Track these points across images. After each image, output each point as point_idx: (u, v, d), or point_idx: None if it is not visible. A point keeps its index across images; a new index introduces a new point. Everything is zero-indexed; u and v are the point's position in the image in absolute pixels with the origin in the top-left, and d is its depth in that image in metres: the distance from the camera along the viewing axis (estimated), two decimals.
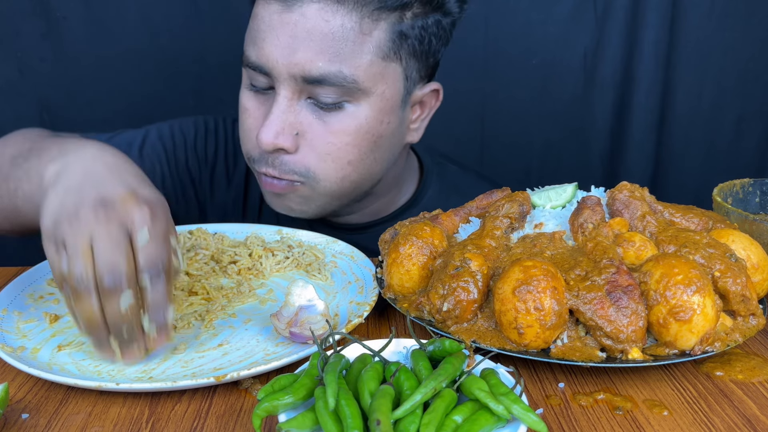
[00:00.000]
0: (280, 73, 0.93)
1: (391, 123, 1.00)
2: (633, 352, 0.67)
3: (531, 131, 1.75)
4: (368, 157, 1.00)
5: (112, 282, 0.65)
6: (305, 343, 0.73)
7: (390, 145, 1.03)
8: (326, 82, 0.92)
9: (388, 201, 1.16)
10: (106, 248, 0.65)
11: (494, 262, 0.75)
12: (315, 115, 0.96)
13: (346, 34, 0.92)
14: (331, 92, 0.94)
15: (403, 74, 0.99)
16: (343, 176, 0.99)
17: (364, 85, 0.94)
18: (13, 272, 0.94)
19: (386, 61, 0.95)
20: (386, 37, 0.94)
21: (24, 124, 1.65)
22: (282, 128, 0.95)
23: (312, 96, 0.95)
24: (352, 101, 0.95)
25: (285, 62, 0.92)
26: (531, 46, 1.67)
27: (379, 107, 0.97)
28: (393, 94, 0.98)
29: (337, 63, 0.92)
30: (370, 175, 1.03)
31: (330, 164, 0.98)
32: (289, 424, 0.54)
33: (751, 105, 1.70)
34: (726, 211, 0.88)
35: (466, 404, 0.56)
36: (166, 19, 1.62)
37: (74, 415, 0.66)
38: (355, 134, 0.97)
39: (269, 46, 0.93)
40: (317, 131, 0.96)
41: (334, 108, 0.95)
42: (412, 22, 0.96)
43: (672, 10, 1.62)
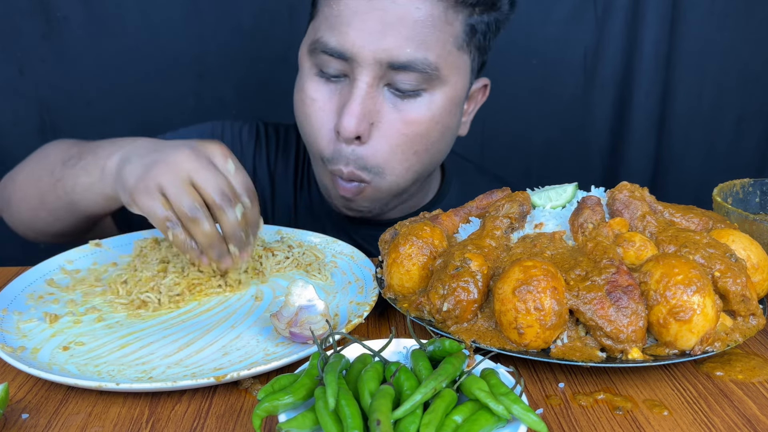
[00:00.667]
0: (364, 58, 0.94)
1: (456, 114, 1.03)
2: (633, 352, 0.67)
3: (531, 131, 1.75)
4: (433, 147, 1.02)
5: (225, 200, 0.77)
6: (305, 343, 0.73)
7: (451, 136, 1.05)
8: (411, 68, 0.94)
9: (419, 198, 1.17)
10: (209, 177, 0.78)
11: (494, 262, 0.76)
12: (392, 103, 0.97)
13: (433, 21, 0.94)
14: (412, 79, 0.95)
15: (470, 66, 1.02)
16: (408, 167, 1.01)
17: (443, 73, 0.97)
18: (13, 272, 0.94)
19: (460, 52, 0.99)
20: (462, 29, 0.98)
21: (24, 124, 1.66)
22: (363, 115, 0.95)
23: (391, 83, 0.96)
24: (429, 89, 0.97)
25: (372, 48, 0.93)
26: (531, 46, 1.67)
27: (450, 97, 0.99)
28: (463, 85, 1.02)
29: (423, 50, 0.94)
30: (431, 166, 1.05)
31: (398, 155, 0.99)
32: (289, 424, 0.54)
33: (751, 105, 1.71)
34: (726, 211, 0.88)
35: (466, 404, 0.56)
36: (166, 19, 1.62)
37: (74, 415, 0.66)
38: (428, 123, 0.98)
39: (355, 31, 0.93)
40: (391, 120, 0.97)
41: (412, 96, 0.97)
42: (480, 18, 1.00)
43: (672, 10, 1.62)
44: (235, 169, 0.81)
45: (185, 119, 1.38)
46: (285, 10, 1.58)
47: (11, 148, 1.64)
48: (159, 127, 1.28)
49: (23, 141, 1.66)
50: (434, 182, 1.20)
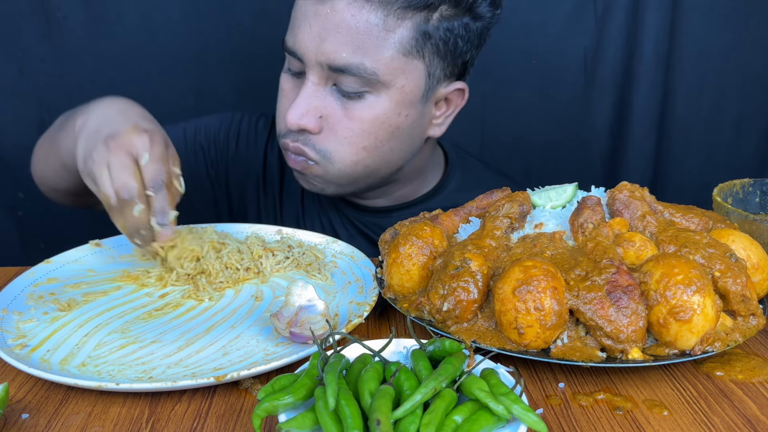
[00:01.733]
0: (309, 59, 1.00)
1: (410, 116, 1.05)
2: (633, 352, 0.67)
3: (531, 131, 1.75)
4: (384, 145, 1.05)
5: (127, 195, 0.84)
6: (305, 343, 0.73)
7: (408, 136, 1.07)
8: (349, 72, 0.98)
9: (413, 188, 1.20)
10: (117, 172, 0.84)
11: (494, 262, 0.75)
12: (338, 102, 1.02)
13: (370, 29, 0.97)
14: (353, 82, 0.99)
15: (426, 71, 1.03)
16: (357, 160, 1.05)
17: (384, 78, 0.99)
18: (13, 272, 0.94)
19: (408, 57, 1.00)
20: (410, 35, 0.99)
21: (24, 124, 1.66)
22: (307, 110, 1.01)
23: (337, 83, 1.01)
24: (373, 92, 1.01)
25: (314, 50, 0.99)
26: (531, 46, 1.67)
27: (397, 100, 1.02)
28: (413, 89, 1.03)
29: (360, 55, 0.97)
30: (386, 163, 1.08)
31: (346, 148, 1.03)
32: (289, 424, 0.54)
33: (751, 105, 1.70)
34: (726, 211, 0.88)
35: (466, 404, 0.56)
36: (166, 18, 1.61)
37: (74, 415, 0.66)
38: (372, 122, 1.02)
39: (302, 33, 1.00)
40: (338, 116, 1.02)
41: (356, 97, 1.01)
42: (438, 24, 1.00)
43: (672, 10, 1.62)
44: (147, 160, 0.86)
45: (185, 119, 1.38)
46: (284, 10, 1.57)
47: (11, 148, 1.64)
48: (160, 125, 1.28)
49: (23, 141, 1.66)
50: (434, 175, 1.22)
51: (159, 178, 0.86)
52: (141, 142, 0.86)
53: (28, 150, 1.18)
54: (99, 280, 0.92)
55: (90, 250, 0.99)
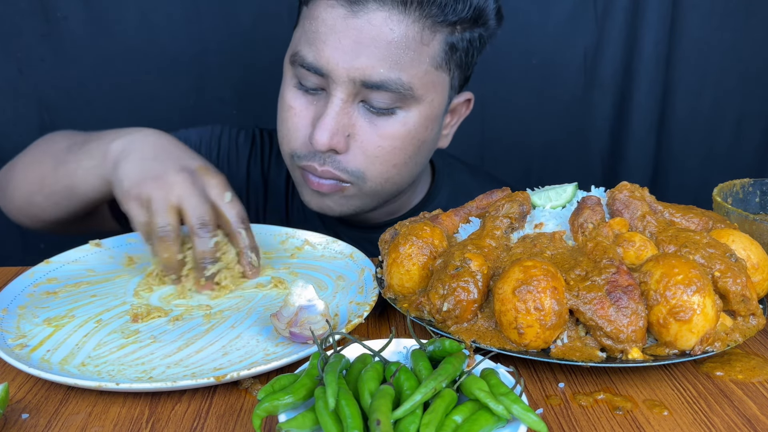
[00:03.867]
0: (339, 75, 0.95)
1: (434, 129, 1.04)
2: (633, 352, 0.67)
3: (531, 131, 1.75)
4: (412, 160, 1.04)
5: (203, 229, 0.85)
6: (305, 343, 0.73)
7: (428, 150, 1.07)
8: (384, 88, 0.95)
9: (403, 201, 1.19)
10: (196, 204, 0.85)
11: (494, 262, 0.75)
12: (367, 119, 0.99)
13: (408, 43, 0.95)
14: (386, 98, 0.97)
15: (450, 84, 1.03)
16: (387, 178, 1.03)
17: (418, 92, 0.98)
18: (13, 272, 0.94)
19: (438, 71, 0.99)
20: (440, 48, 0.98)
21: (24, 124, 1.66)
22: (336, 130, 0.97)
23: (365, 100, 0.98)
24: (404, 107, 0.99)
25: (346, 66, 0.94)
26: (531, 46, 1.67)
27: (426, 114, 1.01)
28: (440, 103, 1.03)
29: (397, 70, 0.95)
30: (411, 177, 1.08)
31: (378, 166, 1.01)
32: (289, 424, 0.54)
33: (751, 105, 1.70)
34: (726, 211, 0.88)
35: (466, 404, 0.56)
36: (166, 19, 1.62)
37: (74, 415, 0.66)
38: (403, 139, 1.00)
39: (330, 49, 0.95)
40: (368, 134, 0.99)
41: (386, 113, 0.98)
42: (461, 36, 1.00)
43: (672, 10, 1.62)
44: (230, 199, 0.88)
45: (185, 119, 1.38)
46: (284, 11, 1.58)
47: (11, 148, 1.64)
48: (159, 126, 1.27)
49: (23, 141, 1.65)
50: (423, 185, 1.21)
51: (244, 215, 0.89)
52: (219, 181, 0.88)
53: None
54: (99, 280, 0.92)
55: (90, 250, 0.99)
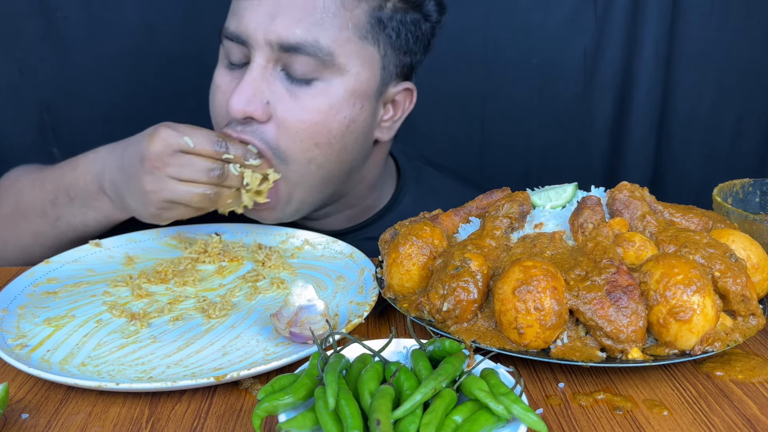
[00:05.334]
0: (256, 40, 0.93)
1: (364, 108, 0.99)
2: (633, 352, 0.67)
3: (531, 131, 1.75)
4: (338, 141, 0.98)
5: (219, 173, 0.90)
6: (305, 343, 0.73)
7: (361, 133, 1.01)
8: (302, 51, 0.93)
9: (367, 207, 1.16)
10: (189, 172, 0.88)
11: (494, 262, 0.75)
12: (287, 88, 0.95)
13: (327, 5, 0.93)
14: (305, 64, 0.94)
15: (381, 62, 0.99)
16: (311, 158, 0.97)
17: (339, 60, 0.94)
18: (13, 272, 0.94)
19: (363, 42, 0.96)
20: (365, 18, 0.96)
21: (24, 124, 1.66)
22: (253, 94, 0.94)
23: (286, 67, 0.95)
24: (326, 78, 0.95)
25: (263, 29, 0.93)
26: (531, 46, 1.67)
27: (352, 88, 0.97)
28: (368, 78, 0.98)
29: (315, 32, 0.93)
30: (340, 163, 1.01)
31: (298, 143, 0.96)
32: (289, 424, 0.54)
33: (751, 105, 1.70)
34: (726, 211, 0.88)
35: (466, 404, 0.56)
36: (166, 19, 1.61)
37: (74, 415, 0.66)
38: (326, 112, 0.96)
39: (249, 14, 0.94)
40: (287, 103, 0.95)
41: (306, 83, 0.95)
42: (392, 14, 0.98)
43: (672, 10, 1.62)
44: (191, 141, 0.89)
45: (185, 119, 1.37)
46: None
47: (11, 148, 1.64)
48: None
49: (23, 141, 1.66)
50: (387, 190, 1.18)
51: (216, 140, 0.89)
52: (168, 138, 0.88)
53: (29, 150, 1.18)
54: (99, 280, 0.92)
55: (90, 250, 0.99)
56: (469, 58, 1.66)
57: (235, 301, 0.86)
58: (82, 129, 1.66)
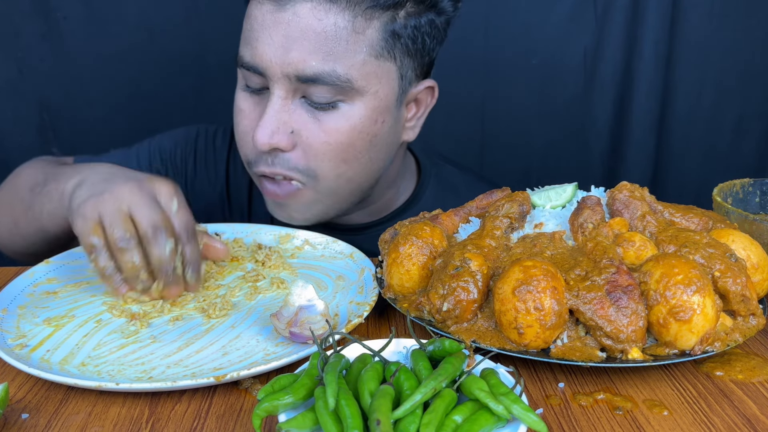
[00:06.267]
0: (274, 72, 0.93)
1: (386, 122, 1.00)
2: (633, 352, 0.67)
3: (531, 131, 1.75)
4: (363, 156, 1.00)
5: (158, 235, 0.80)
6: (305, 343, 0.73)
7: (386, 144, 1.03)
8: (320, 81, 0.93)
9: (386, 202, 1.16)
10: (145, 212, 0.81)
11: (494, 262, 0.75)
12: (309, 114, 0.96)
13: (339, 33, 0.92)
14: (324, 92, 0.94)
15: (398, 73, 0.99)
16: (339, 174, 1.00)
17: (357, 84, 0.94)
18: (13, 272, 0.94)
19: (380, 60, 0.96)
20: (379, 36, 0.94)
21: (24, 124, 1.66)
22: (277, 127, 0.95)
23: (306, 95, 0.95)
24: (347, 101, 0.96)
25: (279, 62, 0.93)
26: (531, 46, 1.67)
27: (373, 106, 0.97)
28: (387, 93, 0.99)
29: (331, 62, 0.92)
30: (368, 174, 1.03)
31: (327, 163, 0.98)
32: (289, 424, 0.54)
33: (751, 105, 1.70)
34: (726, 211, 0.88)
35: (466, 404, 0.56)
36: (166, 19, 1.62)
37: (74, 415, 0.66)
38: (349, 133, 0.97)
39: (263, 45, 0.93)
40: (311, 130, 0.96)
41: (328, 108, 0.96)
42: (405, 22, 0.96)
43: (672, 10, 1.62)
44: (177, 207, 0.83)
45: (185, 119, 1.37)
46: None
47: (11, 148, 1.65)
48: (159, 126, 1.27)
49: (23, 141, 1.66)
50: (407, 186, 1.18)
51: (191, 224, 0.84)
52: (167, 189, 0.84)
53: (28, 150, 1.18)
54: (99, 280, 0.92)
55: None
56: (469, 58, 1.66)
57: (235, 301, 0.86)
58: (82, 129, 1.66)
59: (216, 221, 1.11)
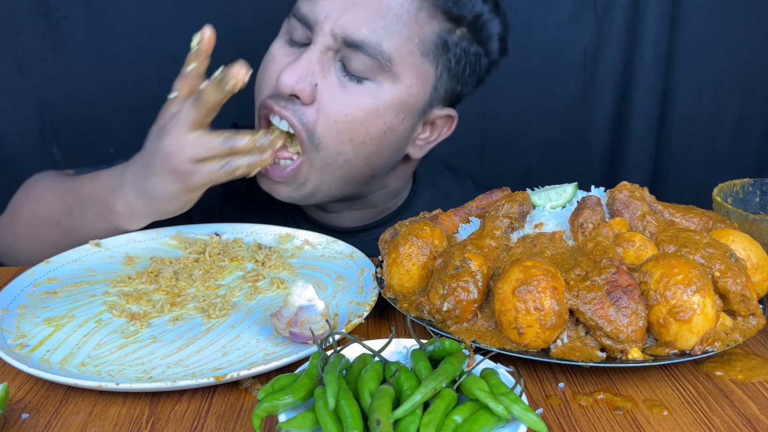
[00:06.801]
0: (323, 28, 0.94)
1: (406, 121, 1.01)
2: (633, 352, 0.67)
3: (531, 131, 1.75)
4: (371, 144, 1.00)
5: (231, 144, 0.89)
6: (305, 343, 0.73)
7: (395, 143, 1.03)
8: (363, 50, 0.93)
9: (382, 209, 1.17)
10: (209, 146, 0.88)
11: (494, 262, 0.75)
12: (339, 80, 0.96)
13: (401, 14, 0.94)
14: (363, 62, 0.95)
15: (434, 83, 1.01)
16: (340, 151, 0.99)
17: (396, 68, 0.95)
18: (13, 272, 0.94)
19: (424, 58, 0.97)
20: (433, 37, 0.97)
21: (24, 124, 1.66)
22: (306, 75, 0.95)
23: (344, 59, 0.96)
24: (380, 80, 0.96)
25: (333, 20, 0.94)
26: (531, 46, 1.67)
27: (401, 98, 0.98)
28: (418, 93, 1.00)
29: (381, 36, 0.94)
30: (366, 165, 1.03)
31: (334, 135, 0.97)
32: (289, 424, 0.54)
33: (751, 105, 1.70)
34: (726, 211, 0.88)
35: (466, 404, 0.56)
36: (166, 19, 1.62)
37: (74, 415, 0.66)
38: (369, 113, 0.97)
39: (324, 1, 0.95)
40: (335, 94, 0.96)
41: (358, 80, 0.96)
42: (458, 41, 1.00)
43: (672, 10, 1.62)
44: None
45: None
46: (284, 11, 1.58)
47: (11, 148, 1.65)
48: None
49: (23, 141, 1.66)
50: (402, 192, 1.19)
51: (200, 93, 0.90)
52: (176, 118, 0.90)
53: (28, 150, 1.18)
54: (99, 280, 0.92)
55: (90, 250, 0.99)
56: None
57: (235, 301, 0.86)
58: (82, 129, 1.66)
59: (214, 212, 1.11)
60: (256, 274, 0.92)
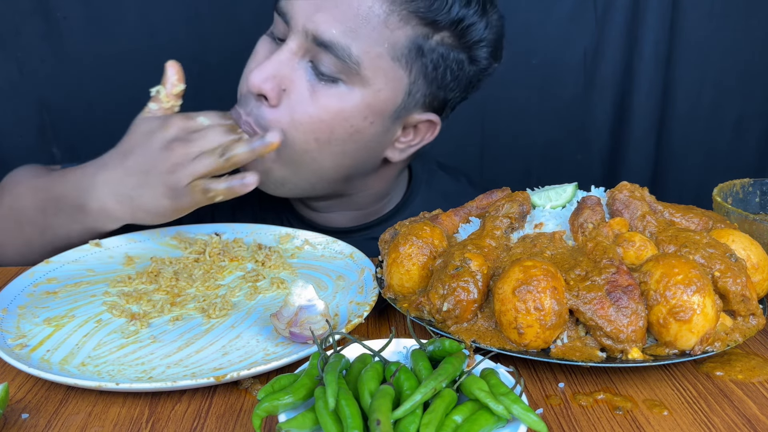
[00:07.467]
0: (296, 24, 0.94)
1: (375, 124, 0.99)
2: (633, 352, 0.67)
3: (531, 131, 1.75)
4: (337, 144, 0.99)
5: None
6: (305, 343, 0.73)
7: (366, 147, 1.02)
8: (332, 51, 0.93)
9: (376, 210, 1.17)
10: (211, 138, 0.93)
11: (494, 262, 0.76)
12: (308, 81, 0.96)
13: (370, 16, 0.93)
14: (332, 64, 0.94)
15: (407, 87, 0.99)
16: (306, 150, 0.98)
17: (364, 72, 0.94)
18: (13, 272, 0.94)
19: (395, 63, 0.96)
20: (405, 42, 0.95)
21: (24, 124, 1.66)
22: (273, 76, 0.95)
23: (314, 60, 0.95)
24: (348, 83, 0.96)
25: (305, 16, 0.93)
26: (531, 46, 1.67)
27: (369, 102, 0.97)
28: (388, 98, 0.98)
29: (350, 38, 0.93)
30: (335, 166, 1.02)
31: (300, 134, 0.97)
32: (289, 424, 0.54)
33: (751, 105, 1.70)
34: (726, 211, 0.88)
35: (466, 404, 0.56)
36: (166, 19, 1.61)
37: (74, 415, 0.66)
38: (335, 115, 0.96)
39: None
40: (302, 95, 0.96)
41: (328, 81, 0.95)
42: (435, 46, 0.97)
43: (672, 10, 1.62)
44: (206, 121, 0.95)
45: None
46: None
47: (11, 148, 1.64)
48: None
49: (23, 141, 1.66)
50: (397, 192, 1.19)
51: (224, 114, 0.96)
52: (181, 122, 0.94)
53: (28, 150, 1.18)
54: (99, 280, 0.92)
55: (89, 250, 0.99)
56: None
57: (235, 301, 0.86)
58: (82, 129, 1.66)
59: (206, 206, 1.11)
60: (256, 274, 0.92)
